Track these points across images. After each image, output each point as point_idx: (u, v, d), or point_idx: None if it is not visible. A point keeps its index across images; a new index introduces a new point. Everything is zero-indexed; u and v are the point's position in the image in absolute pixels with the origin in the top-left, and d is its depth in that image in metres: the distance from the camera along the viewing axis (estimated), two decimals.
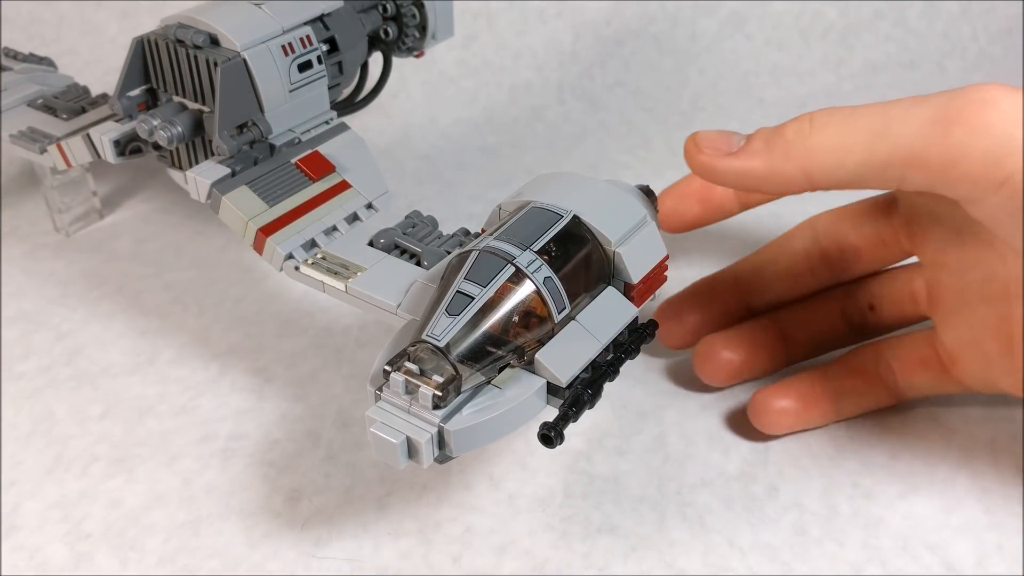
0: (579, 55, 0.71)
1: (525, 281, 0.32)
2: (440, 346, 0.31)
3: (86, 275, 0.52)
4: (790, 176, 0.34)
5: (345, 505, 0.39)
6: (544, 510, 0.38)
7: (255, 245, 0.40)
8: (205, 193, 0.41)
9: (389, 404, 0.32)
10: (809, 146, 0.33)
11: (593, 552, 0.37)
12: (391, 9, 0.48)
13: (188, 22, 0.42)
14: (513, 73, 0.69)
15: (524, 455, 0.41)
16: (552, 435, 0.32)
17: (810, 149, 0.33)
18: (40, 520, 0.39)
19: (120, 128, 0.45)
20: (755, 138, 0.35)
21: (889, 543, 0.37)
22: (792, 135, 0.34)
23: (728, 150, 0.35)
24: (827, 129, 0.33)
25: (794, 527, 0.37)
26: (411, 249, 0.39)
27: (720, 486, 0.39)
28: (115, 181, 0.60)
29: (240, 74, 0.41)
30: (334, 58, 0.45)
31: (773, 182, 0.35)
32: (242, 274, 0.52)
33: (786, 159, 0.34)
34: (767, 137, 0.34)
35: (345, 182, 0.42)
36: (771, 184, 0.35)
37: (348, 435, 0.42)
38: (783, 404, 0.40)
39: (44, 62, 0.57)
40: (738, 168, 0.35)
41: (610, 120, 0.66)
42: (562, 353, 0.33)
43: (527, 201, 0.35)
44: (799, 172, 0.34)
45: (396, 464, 0.31)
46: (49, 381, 0.45)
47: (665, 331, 0.44)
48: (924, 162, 0.32)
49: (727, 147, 0.35)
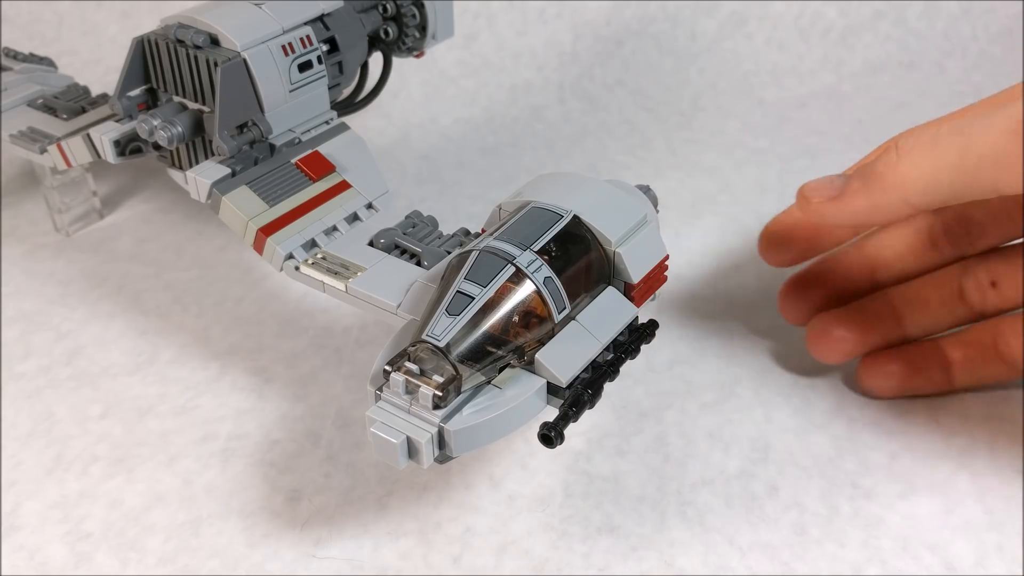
0: (579, 55, 0.71)
1: (525, 281, 0.32)
2: (440, 346, 0.31)
3: (86, 275, 0.52)
4: (892, 207, 0.35)
5: (345, 505, 0.39)
6: (544, 510, 0.38)
7: (255, 245, 0.40)
8: (205, 193, 0.41)
9: (389, 404, 0.32)
10: (901, 175, 0.34)
11: (593, 552, 0.37)
12: (391, 9, 0.48)
13: (188, 22, 0.42)
14: (513, 73, 0.69)
15: (524, 455, 0.41)
16: (552, 435, 0.32)
17: (903, 178, 0.34)
18: (40, 520, 0.39)
19: (120, 128, 0.45)
20: (853, 178, 0.36)
21: (889, 543, 0.37)
22: (883, 168, 0.35)
23: (833, 194, 0.37)
24: (913, 155, 0.34)
25: (794, 527, 0.37)
26: (411, 249, 0.39)
27: (720, 486, 0.39)
28: (115, 181, 0.60)
29: (240, 74, 0.41)
30: (334, 58, 0.45)
31: (879, 216, 0.36)
32: (242, 274, 0.52)
33: (884, 192, 0.35)
34: (864, 174, 0.36)
35: (345, 182, 0.42)
36: (878, 218, 0.36)
37: (348, 435, 0.42)
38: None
39: (44, 62, 0.57)
40: (845, 210, 0.36)
41: (610, 120, 0.66)
42: (562, 353, 0.33)
43: (527, 201, 0.35)
44: (899, 201, 0.35)
45: (396, 464, 0.31)
46: (49, 381, 0.45)
47: (786, 307, 0.44)
48: (1010, 170, 0.32)
49: (832, 191, 0.37)
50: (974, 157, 0.32)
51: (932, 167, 0.33)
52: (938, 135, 0.34)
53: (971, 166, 0.32)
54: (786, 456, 0.40)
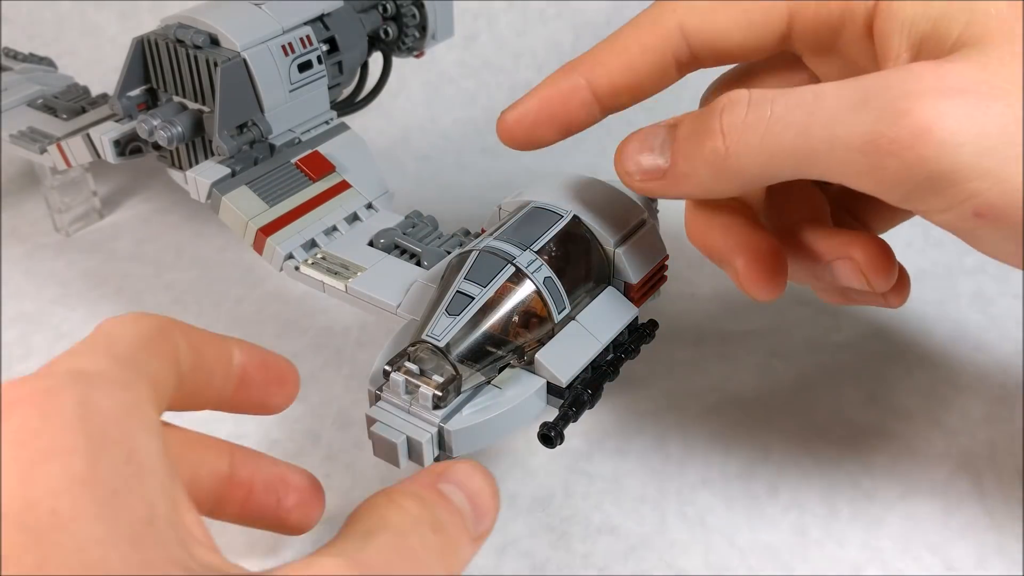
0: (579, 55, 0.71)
1: (525, 281, 0.32)
2: (440, 346, 0.31)
3: (86, 275, 0.52)
4: (726, 191, 0.31)
5: (345, 505, 0.39)
6: (544, 510, 0.38)
7: (255, 245, 0.40)
8: (205, 193, 0.41)
9: (389, 404, 0.32)
10: (731, 164, 0.29)
11: (593, 552, 0.37)
12: (391, 9, 0.48)
13: (188, 22, 0.42)
14: (513, 73, 0.69)
15: (524, 455, 0.41)
16: (552, 435, 0.32)
17: (733, 166, 0.29)
18: None
19: (120, 128, 0.45)
20: (678, 157, 0.31)
21: (889, 544, 0.37)
22: (710, 153, 0.30)
23: (655, 175, 0.32)
24: (745, 138, 0.29)
25: (794, 527, 0.37)
26: (411, 249, 0.39)
27: (720, 486, 0.39)
28: (115, 181, 0.60)
29: (240, 74, 0.41)
30: (334, 58, 0.45)
31: (714, 195, 0.32)
32: (242, 274, 0.52)
33: (716, 179, 0.30)
34: (688, 155, 0.31)
35: (345, 182, 0.42)
36: (713, 196, 0.32)
37: (348, 435, 0.42)
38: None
39: (44, 62, 0.57)
40: (674, 193, 0.32)
41: (610, 120, 0.66)
42: (562, 353, 0.33)
43: (527, 201, 0.35)
44: (733, 189, 0.31)
45: (396, 464, 0.31)
46: None
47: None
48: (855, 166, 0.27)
49: (654, 171, 0.32)
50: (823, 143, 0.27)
51: (767, 153, 0.28)
52: (773, 114, 0.28)
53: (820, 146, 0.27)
54: (786, 456, 0.40)
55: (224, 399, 0.29)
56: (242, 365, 0.29)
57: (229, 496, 0.31)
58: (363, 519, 0.24)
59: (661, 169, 0.32)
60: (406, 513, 0.24)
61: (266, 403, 0.31)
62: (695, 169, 0.31)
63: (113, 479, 0.21)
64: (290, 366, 0.31)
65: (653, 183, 0.32)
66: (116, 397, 0.23)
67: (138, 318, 0.27)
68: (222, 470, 0.30)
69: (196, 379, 0.28)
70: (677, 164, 0.31)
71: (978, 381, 0.43)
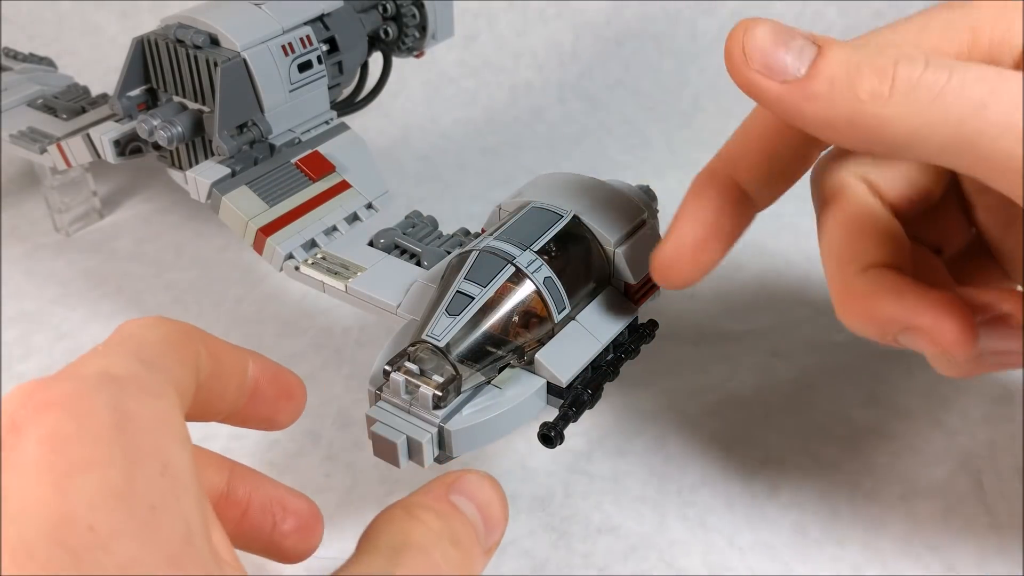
0: (579, 55, 0.71)
1: (525, 281, 0.32)
2: (440, 346, 0.31)
3: (86, 275, 0.52)
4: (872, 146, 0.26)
5: (345, 505, 0.39)
6: (544, 510, 0.38)
7: (255, 245, 0.40)
8: (205, 193, 0.41)
9: (389, 404, 0.32)
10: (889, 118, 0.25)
11: (593, 552, 0.37)
12: (391, 9, 0.48)
13: (188, 22, 0.42)
14: (513, 73, 0.69)
15: (524, 455, 0.41)
16: (552, 435, 0.32)
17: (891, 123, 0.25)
18: None
19: (120, 128, 0.45)
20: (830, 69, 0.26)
21: (889, 544, 0.37)
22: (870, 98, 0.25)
23: (785, 76, 0.27)
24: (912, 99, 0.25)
25: (794, 527, 0.37)
26: (411, 249, 0.39)
27: (721, 486, 0.39)
28: (115, 181, 0.60)
29: (240, 74, 0.41)
30: (334, 58, 0.45)
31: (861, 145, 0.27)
32: (242, 274, 0.52)
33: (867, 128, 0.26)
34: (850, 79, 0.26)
35: (345, 182, 0.42)
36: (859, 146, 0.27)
37: (348, 435, 0.42)
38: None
39: (44, 62, 0.57)
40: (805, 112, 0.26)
41: (610, 120, 0.66)
42: (562, 353, 0.33)
43: (527, 201, 0.35)
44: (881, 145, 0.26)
45: (396, 464, 0.31)
46: None
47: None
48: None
49: (789, 71, 0.27)
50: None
51: (929, 121, 0.25)
52: (952, 80, 0.25)
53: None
54: (787, 456, 0.40)
55: (235, 411, 0.28)
56: (255, 378, 0.29)
57: (224, 514, 0.30)
58: (383, 534, 0.24)
59: (790, 73, 0.26)
60: (428, 528, 0.24)
61: (274, 418, 0.30)
62: (835, 100, 0.26)
63: (150, 494, 0.20)
64: (298, 381, 0.30)
65: (770, 83, 0.27)
66: (148, 404, 0.22)
67: (161, 321, 0.25)
68: (219, 486, 0.30)
69: (212, 388, 0.27)
70: (815, 82, 0.26)
71: (978, 381, 0.43)
